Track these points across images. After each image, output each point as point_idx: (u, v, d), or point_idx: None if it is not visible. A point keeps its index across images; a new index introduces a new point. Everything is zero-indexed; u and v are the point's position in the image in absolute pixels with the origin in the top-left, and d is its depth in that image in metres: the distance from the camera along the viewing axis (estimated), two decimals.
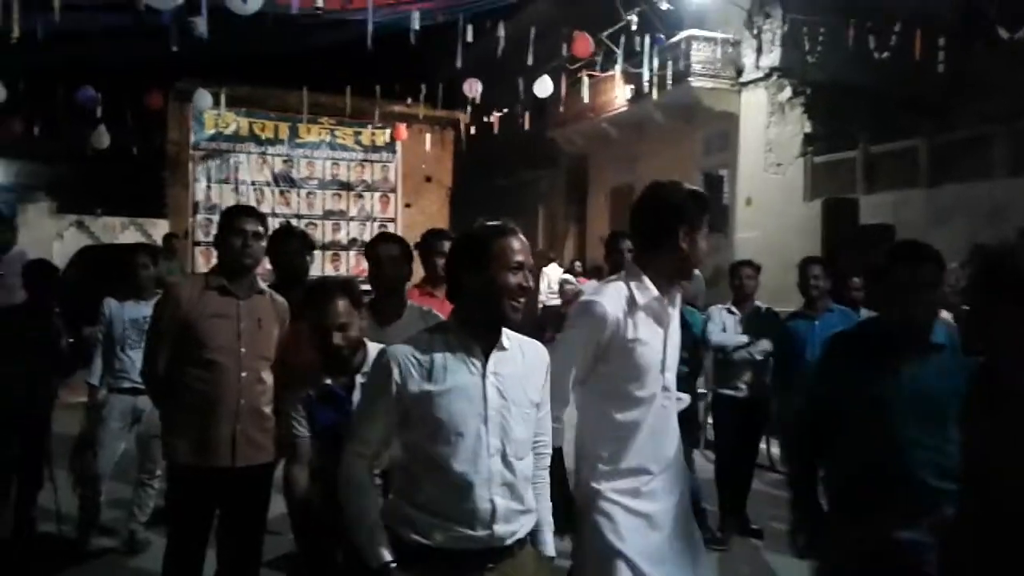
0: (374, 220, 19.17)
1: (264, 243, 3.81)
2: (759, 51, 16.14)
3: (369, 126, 18.72)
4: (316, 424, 3.09)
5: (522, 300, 2.36)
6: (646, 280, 2.90)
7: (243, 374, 3.62)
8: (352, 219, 18.96)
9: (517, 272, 2.34)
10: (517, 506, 2.38)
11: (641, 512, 2.90)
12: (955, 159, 13.07)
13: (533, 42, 12.47)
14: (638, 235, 3.02)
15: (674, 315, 3.01)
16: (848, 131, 14.73)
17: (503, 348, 2.39)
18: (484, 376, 2.34)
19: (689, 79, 16.86)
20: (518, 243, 2.36)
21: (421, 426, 2.31)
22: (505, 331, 2.41)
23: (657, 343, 2.93)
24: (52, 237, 16.66)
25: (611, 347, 2.86)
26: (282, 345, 3.77)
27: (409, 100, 18.51)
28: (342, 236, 18.66)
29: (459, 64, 11.12)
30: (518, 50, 13.13)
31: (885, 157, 14.42)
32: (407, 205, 19.48)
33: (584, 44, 13.13)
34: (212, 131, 17.62)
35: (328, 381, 3.10)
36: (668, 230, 2.86)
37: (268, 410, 3.67)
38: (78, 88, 14.18)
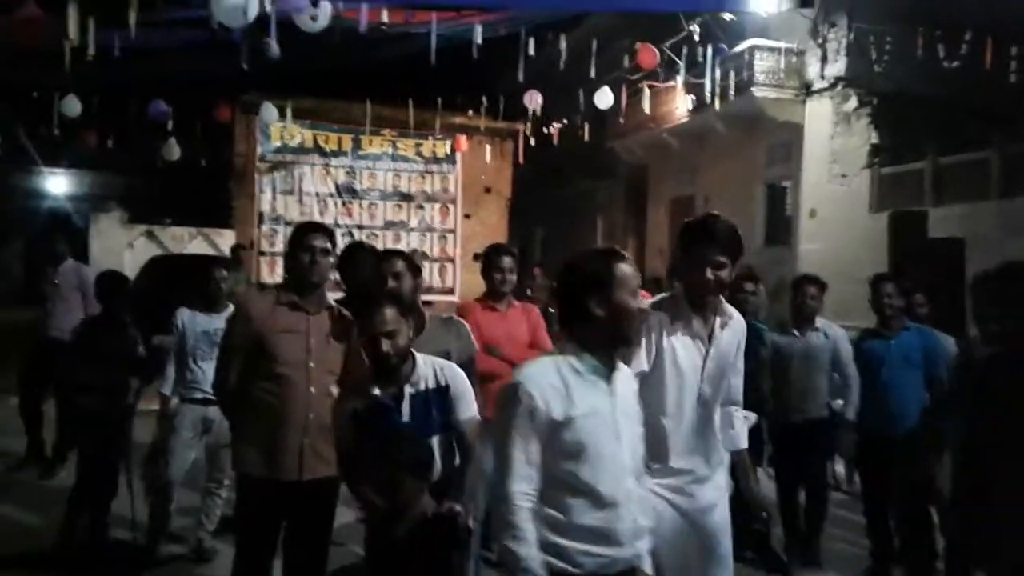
0: (433, 231, 19.31)
1: (331, 259, 3.87)
2: (824, 60, 15.87)
3: (430, 137, 18.88)
4: (365, 436, 3.11)
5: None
6: (683, 299, 3.28)
7: (311, 388, 3.68)
8: (412, 230, 19.12)
9: (636, 295, 2.46)
10: (646, 521, 2.48)
11: (682, 508, 3.17)
12: None
13: (595, 54, 12.44)
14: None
15: (719, 335, 3.28)
16: (916, 142, 14.41)
17: (618, 368, 2.50)
18: (613, 397, 2.42)
19: (752, 89, 16.67)
20: (631, 268, 2.48)
21: (563, 451, 2.33)
22: None
23: (693, 356, 3.23)
24: (123, 247, 17.13)
25: (652, 355, 3.21)
26: (346, 359, 3.82)
27: (470, 112, 18.64)
28: (402, 246, 18.80)
29: (521, 78, 11.16)
30: (579, 60, 13.13)
31: (955, 168, 14.07)
32: (466, 216, 19.57)
33: (649, 55, 13.07)
34: (278, 143, 17.95)
35: (376, 391, 3.12)
36: (689, 259, 3.25)
37: None
38: (150, 102, 14.57)
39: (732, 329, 3.32)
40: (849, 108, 15.81)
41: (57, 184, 23.41)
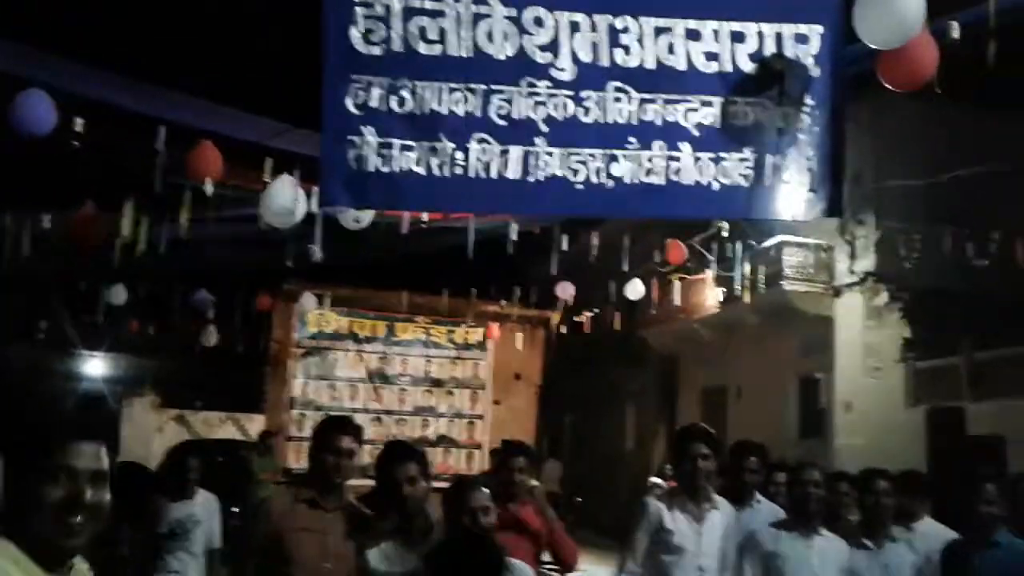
0: (463, 417, 19.18)
1: (357, 460, 3.79)
2: (853, 256, 16.12)
3: (463, 325, 19.12)
4: None
5: None
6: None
7: None
8: (441, 415, 19.01)
9: None
10: None
11: None
12: None
13: (627, 248, 12.76)
14: None
15: (710, 516, 4.27)
16: (950, 337, 14.31)
17: None
18: None
19: (782, 283, 16.85)
20: None
21: None
22: None
23: (690, 534, 4.20)
24: (153, 430, 17.21)
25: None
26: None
27: (503, 301, 18.98)
28: (430, 432, 18.65)
29: (554, 271, 11.41)
30: (611, 253, 13.44)
31: (993, 363, 13.85)
32: (496, 402, 19.48)
33: (678, 252, 13.39)
34: (314, 330, 18.24)
35: None
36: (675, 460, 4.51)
37: None
38: (193, 290, 15.03)
39: (719, 511, 4.35)
40: (880, 302, 15.88)
41: (94, 367, 23.78)
